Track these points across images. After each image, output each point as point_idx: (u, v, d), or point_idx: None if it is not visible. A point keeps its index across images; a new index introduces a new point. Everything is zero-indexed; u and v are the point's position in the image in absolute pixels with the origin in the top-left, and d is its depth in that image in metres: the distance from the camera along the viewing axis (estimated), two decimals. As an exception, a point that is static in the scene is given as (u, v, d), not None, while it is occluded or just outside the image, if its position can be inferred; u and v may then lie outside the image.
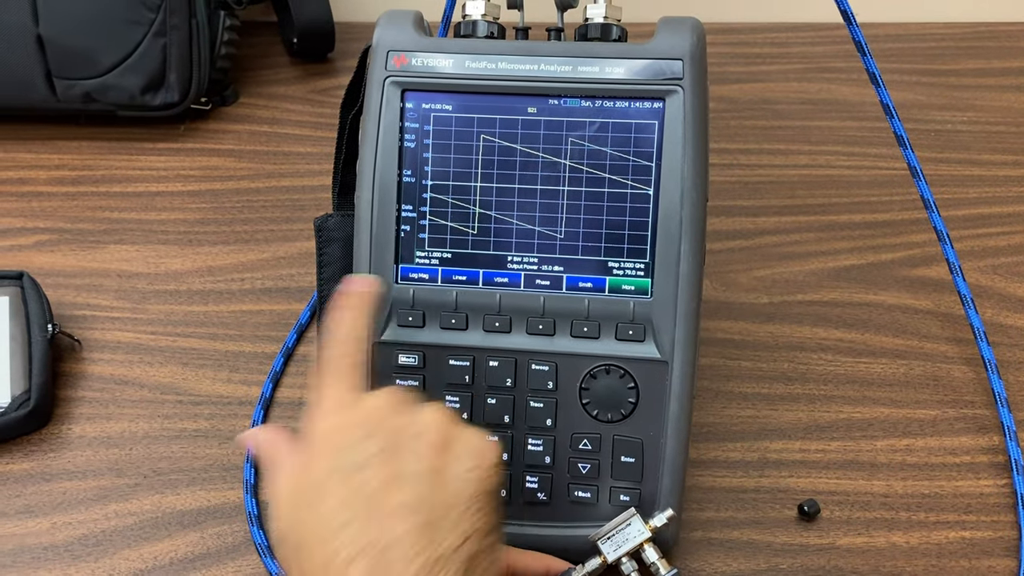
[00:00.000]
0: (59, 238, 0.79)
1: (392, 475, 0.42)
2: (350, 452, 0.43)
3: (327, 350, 0.48)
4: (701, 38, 0.55)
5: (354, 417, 0.45)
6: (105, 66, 0.83)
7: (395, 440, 0.44)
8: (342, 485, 0.42)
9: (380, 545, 0.40)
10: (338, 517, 0.41)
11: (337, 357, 0.48)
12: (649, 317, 0.55)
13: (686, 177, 0.54)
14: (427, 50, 0.56)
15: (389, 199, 0.56)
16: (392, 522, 0.41)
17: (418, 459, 0.43)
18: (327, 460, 0.43)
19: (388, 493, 0.42)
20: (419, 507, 0.41)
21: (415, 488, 0.42)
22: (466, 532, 0.42)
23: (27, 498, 0.63)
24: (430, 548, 0.40)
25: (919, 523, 0.61)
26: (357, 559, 0.40)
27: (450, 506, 0.42)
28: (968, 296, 0.68)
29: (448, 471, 0.43)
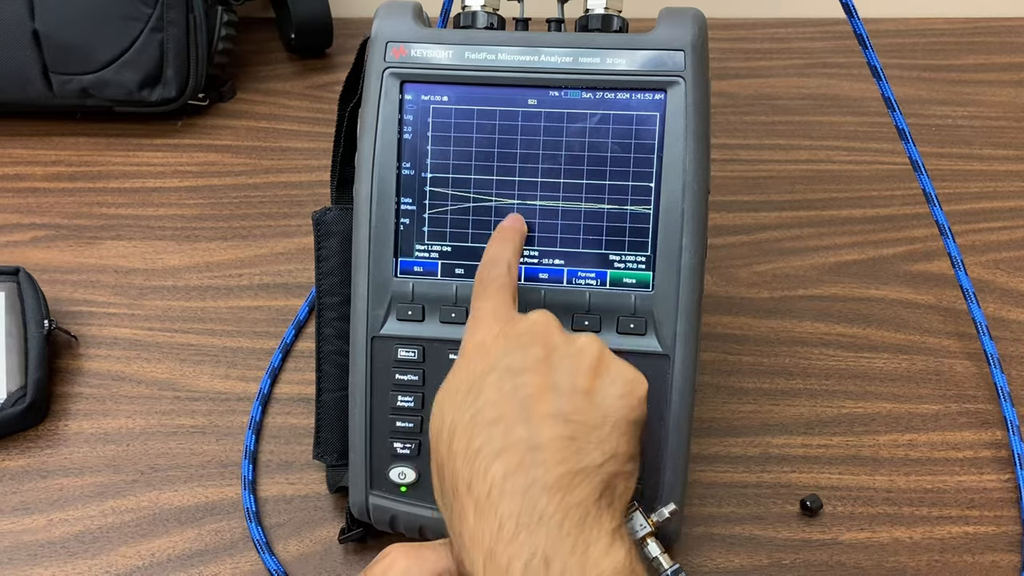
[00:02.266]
0: (56, 234, 0.78)
1: (547, 385, 0.44)
2: (510, 357, 0.45)
3: (480, 273, 0.50)
4: (703, 29, 0.54)
5: (514, 328, 0.47)
6: (102, 62, 0.83)
7: (553, 355, 0.45)
8: (499, 384, 0.44)
9: (526, 446, 0.42)
10: (491, 412, 0.43)
11: (490, 279, 0.50)
12: (650, 310, 0.54)
13: (687, 169, 0.53)
14: (426, 41, 0.55)
15: (388, 192, 0.55)
16: (541, 428, 0.42)
17: (573, 376, 0.44)
18: (488, 361, 0.45)
19: (541, 401, 0.43)
20: (568, 420, 0.43)
21: (567, 402, 0.43)
22: (608, 452, 0.43)
23: (23, 495, 0.62)
24: (573, 459, 0.42)
25: (922, 518, 0.61)
26: (502, 455, 0.42)
27: (597, 426, 0.43)
28: (970, 290, 0.68)
29: (599, 393, 0.44)
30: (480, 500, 0.41)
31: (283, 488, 0.63)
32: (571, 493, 0.41)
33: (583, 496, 0.41)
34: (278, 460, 0.64)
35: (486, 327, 0.47)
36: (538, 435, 0.42)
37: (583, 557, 0.40)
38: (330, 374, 0.62)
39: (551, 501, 0.41)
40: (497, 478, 0.41)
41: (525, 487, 0.41)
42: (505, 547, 0.40)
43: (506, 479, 0.41)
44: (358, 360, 0.56)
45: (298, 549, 0.60)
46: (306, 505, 0.62)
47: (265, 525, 0.61)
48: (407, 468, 0.56)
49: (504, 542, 0.40)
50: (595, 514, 0.41)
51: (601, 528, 0.41)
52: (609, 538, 0.41)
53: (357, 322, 0.56)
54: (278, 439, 0.65)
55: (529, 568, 0.39)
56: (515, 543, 0.40)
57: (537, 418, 0.43)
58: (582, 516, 0.41)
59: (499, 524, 0.40)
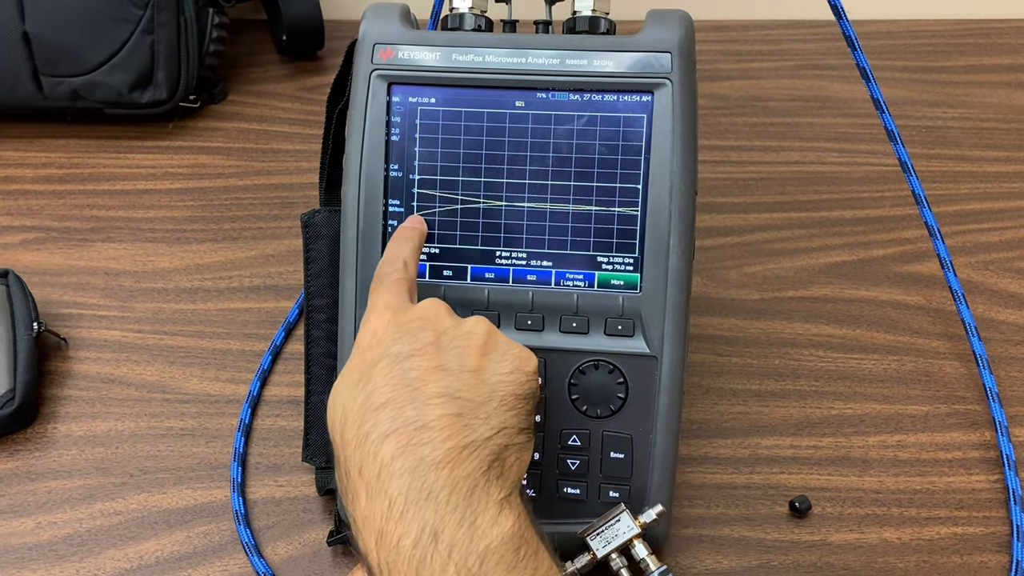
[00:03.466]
0: (46, 236, 0.78)
1: (435, 366, 0.45)
2: (400, 342, 0.46)
3: (379, 269, 0.52)
4: (690, 31, 0.54)
5: (405, 315, 0.48)
6: (92, 63, 0.83)
7: (441, 338, 0.46)
8: (388, 369, 0.45)
9: (414, 426, 0.43)
10: (380, 397, 0.44)
11: (385, 274, 0.51)
12: (638, 312, 0.54)
13: (675, 171, 0.53)
14: (414, 43, 0.55)
15: (376, 194, 0.55)
16: (428, 407, 0.43)
17: (461, 357, 0.46)
18: (379, 349, 0.46)
19: (428, 382, 0.44)
20: (455, 398, 0.44)
21: (455, 381, 0.45)
22: (497, 426, 0.44)
23: (12, 498, 0.62)
24: (461, 434, 0.43)
25: (911, 519, 0.61)
26: (391, 436, 0.43)
27: (484, 402, 0.45)
28: (960, 292, 0.68)
29: (487, 371, 0.46)
30: (371, 482, 0.42)
31: (272, 490, 0.62)
32: (459, 467, 0.42)
33: (471, 469, 0.42)
34: (267, 462, 0.64)
35: (377, 316, 0.48)
36: (426, 414, 0.43)
37: (471, 528, 0.41)
38: (319, 376, 0.62)
39: (439, 476, 0.41)
40: (386, 459, 0.42)
41: (413, 465, 0.42)
42: (395, 525, 0.41)
43: (395, 459, 0.42)
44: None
45: (287, 551, 0.60)
46: (295, 507, 0.62)
47: (254, 527, 0.60)
48: (395, 470, 0.56)
49: (394, 520, 0.41)
50: (483, 485, 0.42)
51: (489, 499, 0.42)
52: (497, 507, 0.42)
53: (345, 324, 0.56)
54: (267, 441, 0.65)
55: (418, 543, 0.40)
56: (404, 520, 0.41)
57: (425, 398, 0.44)
58: (470, 488, 0.42)
59: (389, 503, 0.41)
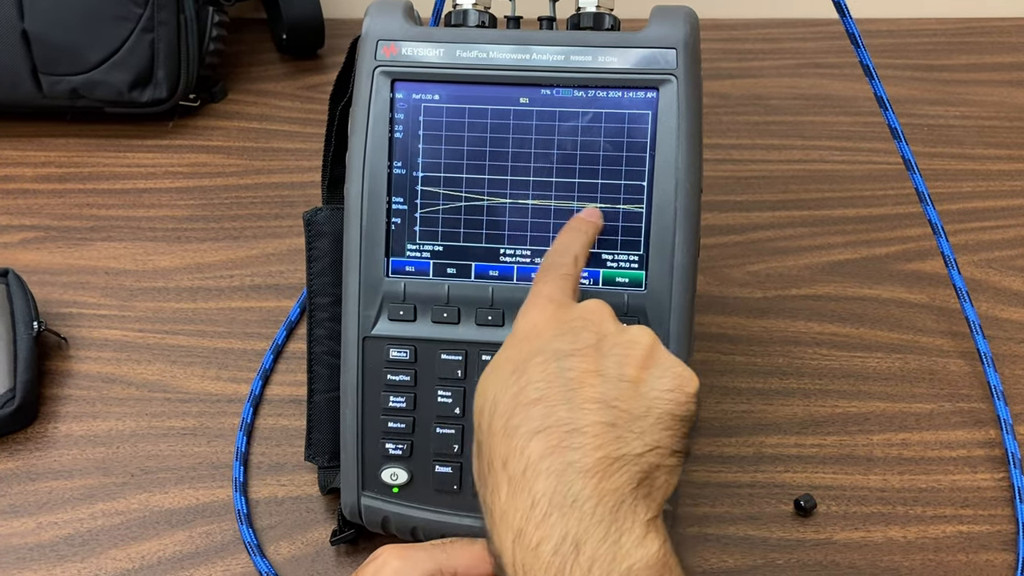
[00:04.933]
0: (46, 235, 0.78)
1: (594, 370, 0.43)
2: (560, 340, 0.44)
3: (546, 258, 0.50)
4: (694, 27, 0.54)
5: (567, 313, 0.46)
6: (92, 62, 0.82)
7: (603, 342, 0.45)
8: (545, 366, 0.43)
9: (566, 428, 0.41)
10: (533, 392, 0.42)
11: (554, 266, 0.49)
12: (643, 309, 0.54)
13: (680, 167, 0.53)
14: (417, 39, 0.55)
15: (379, 191, 0.55)
16: (583, 412, 0.42)
17: (621, 365, 0.44)
18: (537, 342, 0.45)
19: (585, 385, 0.43)
20: (612, 407, 0.42)
21: (612, 389, 0.43)
22: (650, 444, 0.42)
23: (12, 497, 0.62)
24: (612, 446, 0.41)
25: (916, 517, 0.60)
26: (540, 435, 0.41)
27: (640, 416, 0.43)
28: (964, 290, 0.68)
29: (646, 385, 0.44)
30: (515, 477, 0.41)
31: (274, 490, 0.62)
32: (607, 479, 0.40)
33: (620, 484, 0.40)
34: (269, 462, 0.64)
35: (539, 310, 0.47)
36: (579, 418, 0.41)
37: (615, 546, 0.39)
38: (321, 375, 0.61)
39: (586, 485, 0.40)
40: (533, 457, 0.41)
41: (561, 468, 0.40)
42: (536, 527, 0.39)
43: (542, 459, 0.40)
44: (349, 361, 0.56)
45: (289, 551, 0.59)
46: (297, 507, 0.61)
47: (256, 527, 0.60)
48: (399, 469, 0.56)
49: (535, 522, 0.39)
50: (631, 503, 0.40)
51: (636, 518, 0.40)
52: (643, 528, 0.40)
53: (348, 322, 0.56)
54: (269, 440, 0.65)
55: (559, 551, 0.39)
56: (546, 524, 0.39)
57: (579, 401, 0.42)
58: (617, 503, 0.40)
59: (532, 503, 0.40)
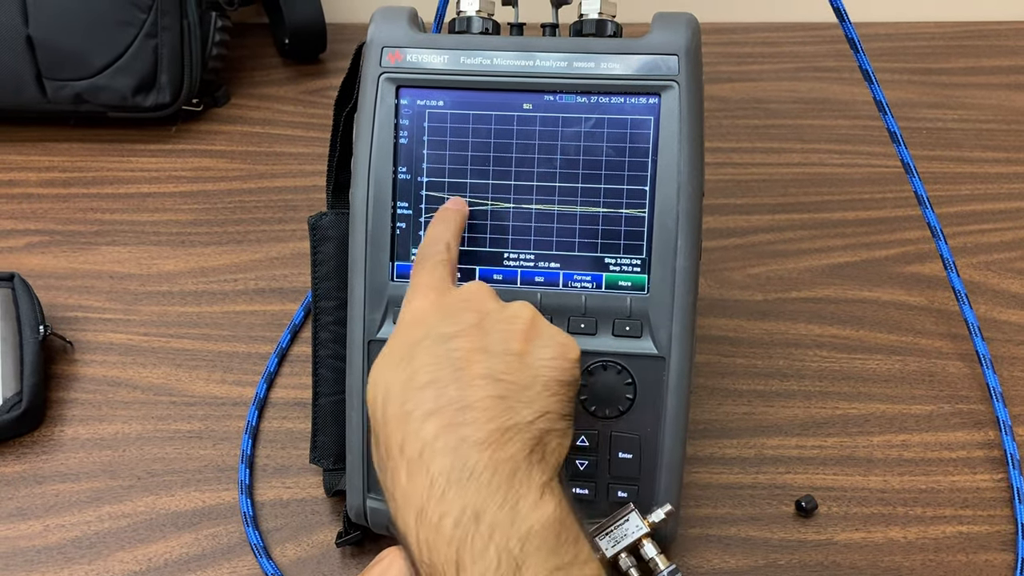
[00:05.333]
0: (50, 240, 0.78)
1: (479, 348, 0.45)
2: (444, 323, 0.46)
3: (419, 251, 0.52)
4: (696, 33, 0.55)
5: (449, 297, 0.48)
6: (96, 67, 0.83)
7: (485, 320, 0.46)
8: (432, 349, 0.45)
9: (457, 406, 0.43)
10: (423, 376, 0.44)
11: (428, 255, 0.51)
12: (646, 313, 0.54)
13: (682, 172, 0.54)
14: (421, 46, 0.55)
15: (384, 196, 0.56)
16: (472, 388, 0.43)
17: (505, 340, 0.45)
18: (422, 328, 0.46)
19: (472, 363, 0.44)
20: (499, 380, 0.44)
21: (498, 363, 0.44)
22: (540, 410, 0.44)
23: (19, 500, 0.62)
24: (503, 416, 0.43)
25: (916, 518, 0.61)
26: (433, 415, 0.43)
27: (527, 386, 0.44)
28: (962, 292, 0.68)
29: (530, 356, 0.45)
30: (412, 460, 0.42)
31: (280, 492, 0.63)
32: (501, 449, 0.42)
33: (513, 451, 0.42)
34: (275, 464, 0.64)
35: (422, 297, 0.49)
36: (469, 395, 0.43)
37: (512, 511, 0.40)
38: (326, 378, 0.62)
39: (481, 457, 0.41)
40: (428, 437, 0.42)
41: (455, 444, 0.42)
42: (436, 504, 0.40)
43: (437, 438, 0.42)
44: (355, 364, 0.56)
45: (295, 553, 0.60)
46: (303, 509, 0.62)
47: (262, 529, 0.61)
48: (404, 471, 0.56)
49: (435, 499, 0.41)
50: (525, 469, 0.42)
51: (531, 482, 0.42)
52: (539, 492, 0.41)
53: (354, 326, 0.56)
54: (274, 443, 0.65)
55: (459, 523, 0.40)
56: (445, 500, 0.40)
57: (468, 379, 0.44)
58: (512, 471, 0.41)
59: (430, 482, 0.41)
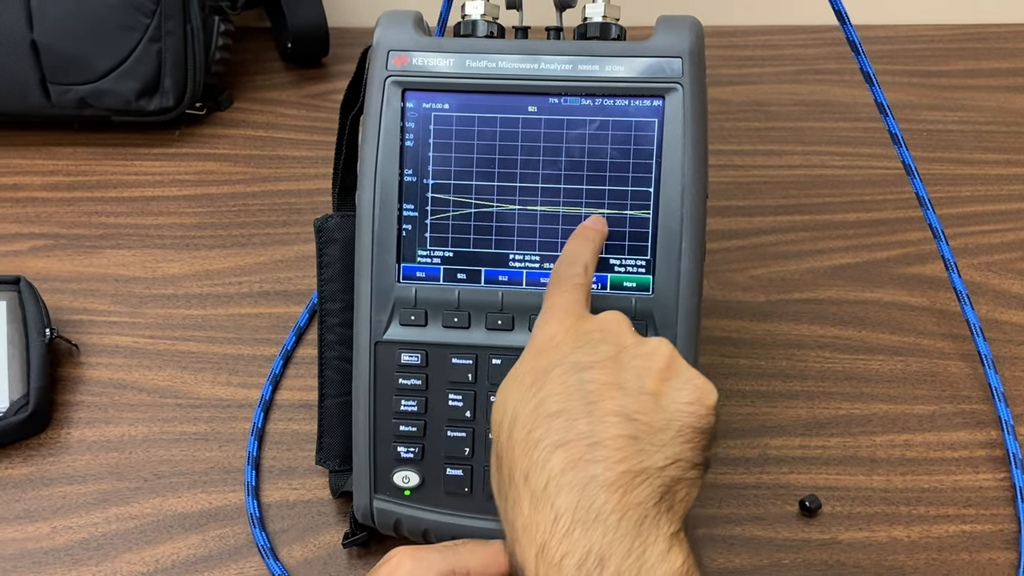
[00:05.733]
0: (55, 243, 0.78)
1: (614, 383, 0.43)
2: (579, 352, 0.45)
3: (556, 268, 0.51)
4: (700, 36, 0.55)
5: (585, 325, 0.47)
6: (100, 71, 0.83)
7: (622, 354, 0.45)
8: (564, 378, 0.43)
9: (587, 441, 0.41)
10: (553, 404, 0.43)
11: (566, 276, 0.50)
12: (651, 313, 0.55)
13: (686, 174, 0.54)
14: (427, 50, 0.56)
15: (391, 198, 0.56)
16: (604, 425, 0.42)
17: (640, 377, 0.44)
18: (556, 355, 0.45)
19: (606, 398, 0.43)
20: (633, 420, 0.42)
21: (633, 401, 0.43)
22: (672, 457, 0.42)
23: (27, 503, 0.62)
24: (634, 459, 0.41)
25: (919, 517, 0.61)
26: (561, 448, 0.41)
27: (661, 429, 0.42)
28: (964, 293, 0.69)
29: (666, 397, 0.44)
30: (536, 492, 0.41)
31: (286, 493, 0.63)
32: (630, 493, 0.40)
33: (643, 497, 0.40)
34: (281, 466, 0.64)
35: (557, 321, 0.47)
36: (600, 431, 0.41)
37: (639, 560, 0.39)
38: (332, 379, 0.62)
39: (609, 499, 0.40)
40: (555, 471, 0.41)
41: (584, 482, 0.40)
42: (559, 542, 0.39)
43: (564, 473, 0.40)
44: (361, 365, 0.57)
45: (302, 554, 0.60)
46: (309, 510, 0.62)
47: (269, 530, 0.61)
48: (411, 472, 0.56)
49: (558, 536, 0.39)
50: (654, 516, 0.40)
51: (659, 532, 0.40)
52: (667, 543, 0.40)
53: (360, 327, 0.57)
54: (280, 445, 0.66)
55: (583, 567, 0.38)
56: (569, 539, 0.39)
57: (600, 414, 0.42)
58: (640, 517, 0.40)
59: (554, 517, 0.40)
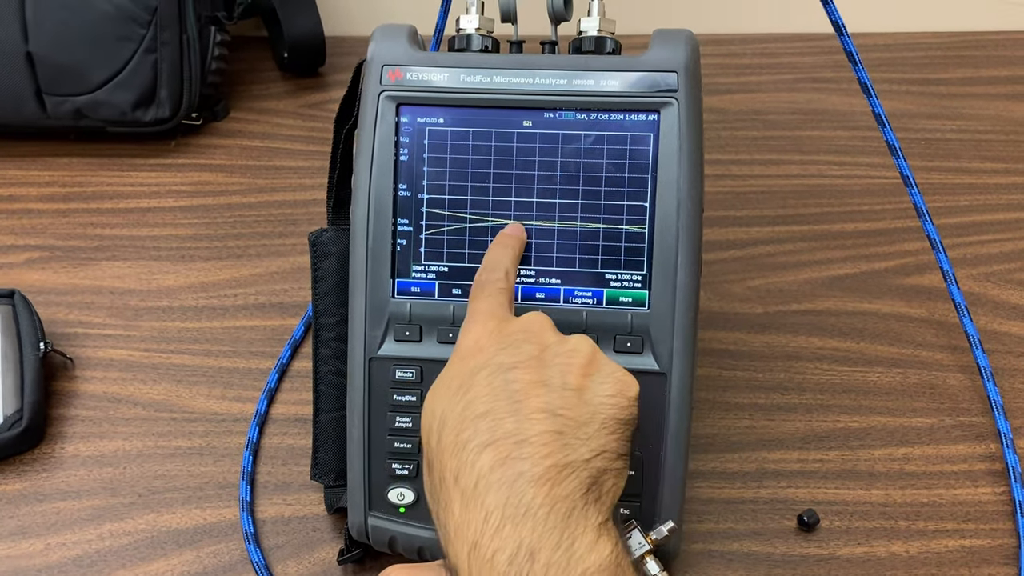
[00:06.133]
0: (50, 255, 0.78)
1: (538, 381, 0.44)
2: (503, 353, 0.46)
3: (478, 276, 0.52)
4: (695, 50, 0.55)
5: (509, 327, 0.48)
6: (95, 82, 0.83)
7: (545, 353, 0.46)
8: (490, 379, 0.45)
9: (514, 439, 0.42)
10: (480, 406, 0.44)
11: (487, 282, 0.51)
12: (647, 329, 0.54)
13: (682, 188, 0.54)
14: (421, 64, 0.55)
15: (385, 213, 0.56)
16: (530, 422, 0.43)
17: (563, 374, 0.45)
18: (481, 357, 0.46)
19: (530, 396, 0.44)
20: (557, 415, 0.43)
21: (557, 397, 0.44)
22: (597, 449, 0.43)
23: (20, 519, 0.62)
24: (561, 453, 0.42)
25: (918, 532, 0.61)
26: (489, 447, 0.42)
27: (585, 422, 0.44)
28: (962, 304, 0.68)
29: (589, 391, 0.45)
30: (467, 491, 0.42)
31: (281, 509, 0.63)
32: (558, 486, 0.41)
33: (570, 490, 0.42)
34: (276, 481, 0.64)
35: (481, 325, 0.48)
36: (526, 429, 0.42)
37: (568, 551, 0.40)
38: (327, 394, 0.62)
39: (537, 493, 0.41)
40: (484, 470, 0.42)
41: (512, 479, 0.41)
42: (490, 539, 0.40)
43: (492, 471, 0.41)
44: (356, 381, 0.56)
45: (297, 571, 0.60)
46: (304, 526, 0.62)
47: (264, 547, 0.61)
48: (406, 489, 0.56)
49: (489, 533, 0.40)
50: (581, 508, 0.41)
51: (588, 522, 0.41)
52: (595, 533, 0.41)
53: (355, 343, 0.56)
54: (275, 460, 0.65)
55: (514, 561, 0.39)
56: (500, 535, 0.40)
57: (526, 412, 0.43)
58: (568, 509, 0.41)
59: (485, 515, 0.41)
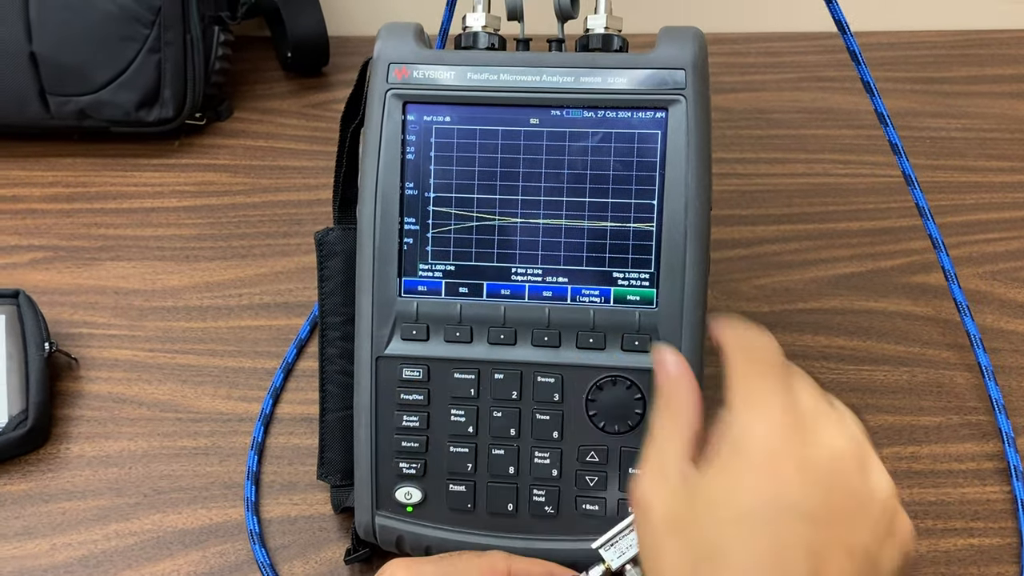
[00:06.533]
0: (54, 255, 0.78)
1: (841, 547, 0.37)
2: (810, 499, 0.38)
3: (749, 353, 0.43)
4: (703, 47, 0.55)
5: (816, 453, 0.39)
6: (99, 82, 0.83)
7: (848, 502, 0.39)
8: (771, 523, 0.37)
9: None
10: (760, 559, 0.37)
11: (762, 349, 0.43)
12: (655, 327, 0.54)
13: (690, 186, 0.54)
14: (428, 62, 0.55)
15: (392, 212, 0.56)
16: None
17: (869, 540, 0.38)
18: (778, 486, 0.38)
19: (826, 560, 0.37)
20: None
21: (858, 566, 0.38)
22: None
23: (26, 519, 0.62)
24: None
25: (927, 531, 0.61)
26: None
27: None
28: (964, 303, 0.68)
29: (883, 556, 0.39)
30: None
31: (287, 509, 0.62)
32: None
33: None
34: (281, 481, 0.64)
35: (776, 427, 0.39)
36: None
37: None
38: (334, 394, 0.62)
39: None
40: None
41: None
42: None
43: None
44: (363, 380, 0.56)
45: (303, 571, 0.59)
46: (310, 526, 0.62)
47: (269, 547, 0.60)
48: (413, 488, 0.56)
49: None
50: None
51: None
52: None
53: (362, 342, 0.56)
54: (281, 459, 0.65)
55: None
56: None
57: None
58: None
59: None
